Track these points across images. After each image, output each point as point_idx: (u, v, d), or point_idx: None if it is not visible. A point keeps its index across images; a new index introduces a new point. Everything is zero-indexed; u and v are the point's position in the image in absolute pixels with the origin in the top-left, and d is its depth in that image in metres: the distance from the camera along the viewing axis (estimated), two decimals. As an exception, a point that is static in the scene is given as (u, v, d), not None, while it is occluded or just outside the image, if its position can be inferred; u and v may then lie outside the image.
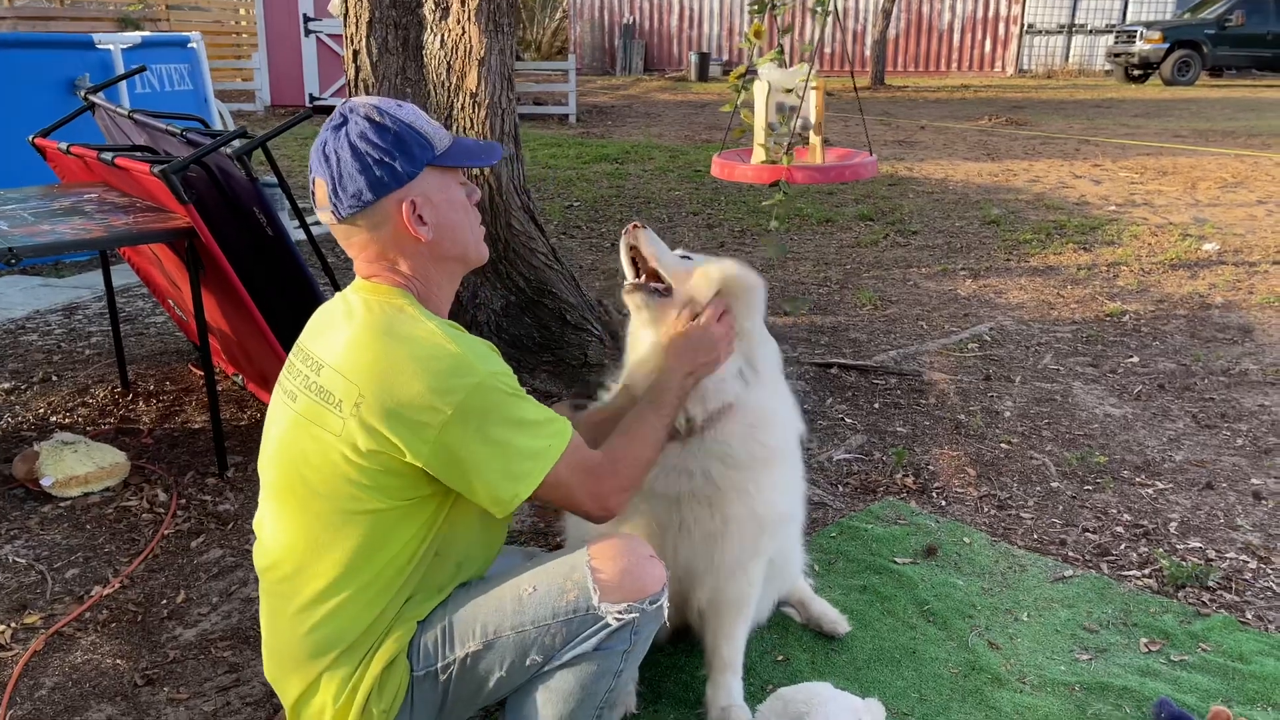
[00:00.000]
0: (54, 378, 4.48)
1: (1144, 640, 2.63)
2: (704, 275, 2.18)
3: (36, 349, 4.88)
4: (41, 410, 4.11)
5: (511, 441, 1.73)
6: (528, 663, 1.79)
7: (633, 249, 2.19)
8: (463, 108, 4.04)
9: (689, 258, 2.24)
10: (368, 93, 4.09)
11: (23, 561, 3.02)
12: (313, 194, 1.80)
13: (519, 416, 1.75)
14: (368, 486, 1.73)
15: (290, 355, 1.91)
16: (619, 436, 1.94)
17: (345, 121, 1.77)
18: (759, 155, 5.34)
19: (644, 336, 2.22)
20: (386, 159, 1.75)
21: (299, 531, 1.79)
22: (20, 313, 5.45)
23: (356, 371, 1.72)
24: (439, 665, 1.81)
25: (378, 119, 1.76)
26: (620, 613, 1.77)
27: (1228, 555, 3.04)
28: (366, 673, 1.79)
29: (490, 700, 1.89)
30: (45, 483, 3.33)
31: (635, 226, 2.16)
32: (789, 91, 5.23)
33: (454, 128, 4.05)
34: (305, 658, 1.81)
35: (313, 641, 1.80)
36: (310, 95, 15.67)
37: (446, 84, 4.03)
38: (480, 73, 3.98)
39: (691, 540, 2.24)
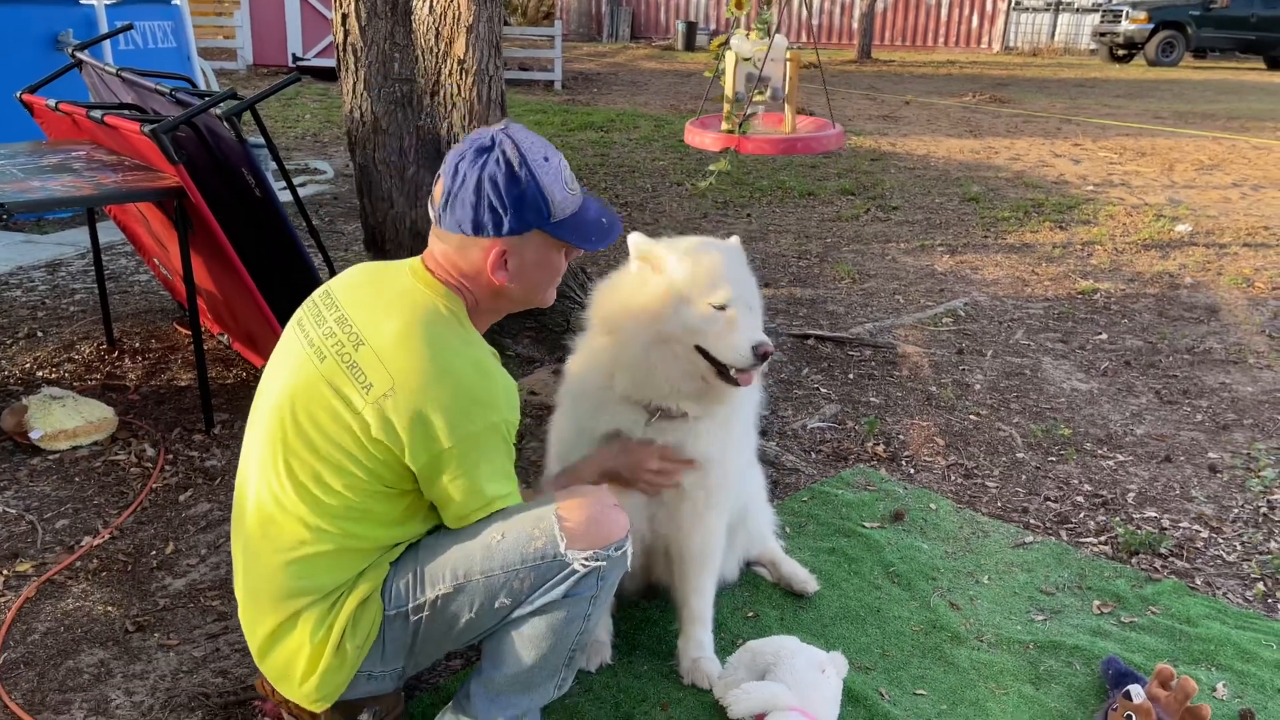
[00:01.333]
0: (39, 334, 4.52)
1: (1097, 603, 2.75)
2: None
3: (21, 305, 4.91)
4: (27, 365, 4.15)
5: (487, 487, 1.87)
6: (496, 605, 1.88)
7: None
8: (450, 74, 4.08)
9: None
10: (355, 58, 4.12)
11: (13, 512, 3.09)
12: (434, 186, 1.88)
13: (504, 469, 1.89)
14: (364, 466, 1.82)
15: (317, 301, 1.96)
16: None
17: (490, 150, 1.82)
18: (725, 124, 5.42)
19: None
20: (499, 210, 1.81)
21: (289, 479, 1.86)
22: (3, 269, 5.46)
23: (397, 366, 1.79)
24: (410, 606, 1.90)
25: (515, 169, 1.81)
26: (586, 559, 1.87)
27: (1181, 525, 3.16)
28: (342, 610, 1.88)
29: (460, 642, 1.98)
30: (34, 435, 3.39)
31: (769, 355, 2.17)
32: (748, 60, 5.31)
33: (442, 94, 4.09)
34: (283, 596, 1.89)
35: (292, 582, 1.88)
36: (293, 55, 15.55)
37: (434, 50, 4.06)
38: (468, 40, 4.01)
39: (655, 498, 2.34)
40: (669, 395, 2.27)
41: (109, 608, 2.65)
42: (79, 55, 4.31)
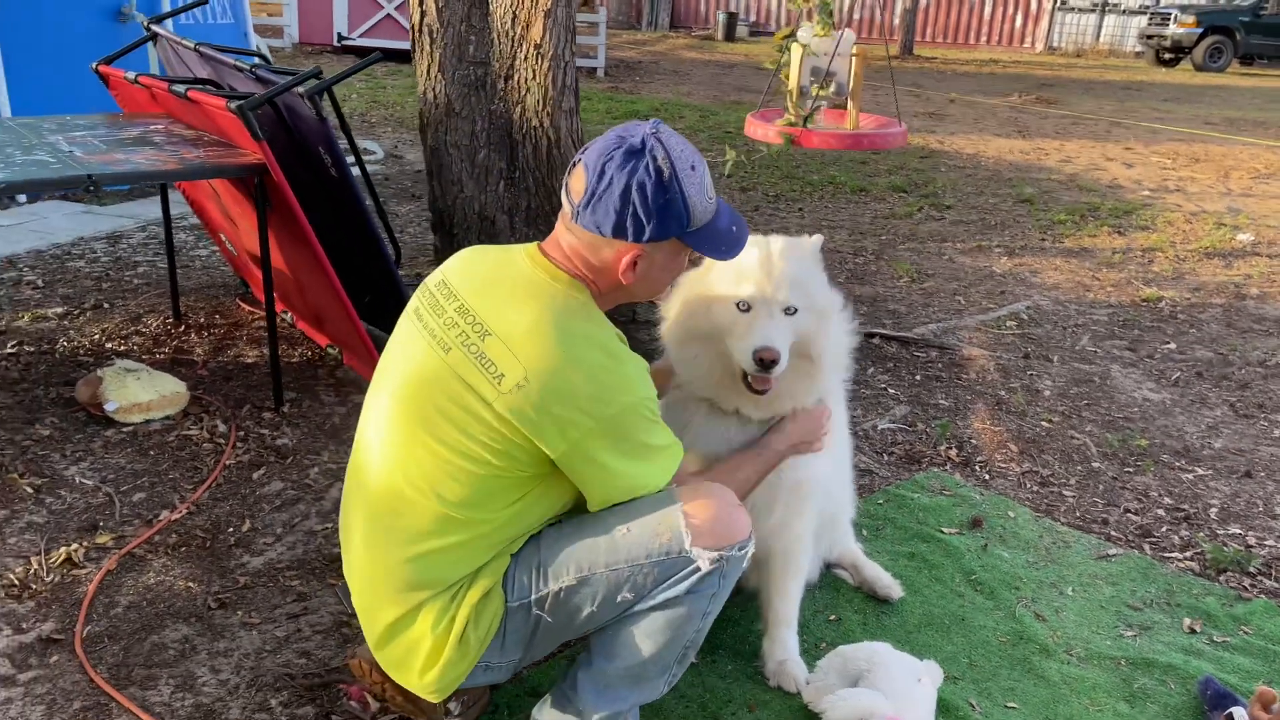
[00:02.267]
0: (105, 305, 4.53)
1: (1187, 620, 2.70)
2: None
3: (85, 276, 4.92)
4: (96, 337, 4.16)
5: (635, 465, 1.84)
6: (619, 599, 1.86)
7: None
8: (525, 58, 4.05)
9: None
10: (430, 39, 4.09)
11: (90, 483, 3.09)
12: (570, 175, 1.84)
13: (649, 442, 1.85)
14: (498, 451, 1.80)
15: (433, 289, 1.93)
16: (716, 474, 2.08)
17: (640, 153, 1.77)
18: (788, 115, 5.37)
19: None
20: (643, 217, 1.78)
21: (417, 467, 1.84)
22: (65, 238, 5.49)
23: (530, 357, 1.76)
24: (533, 598, 1.88)
25: (665, 178, 1.77)
26: (711, 557, 1.84)
27: (1267, 543, 3.10)
28: (464, 603, 1.86)
29: (578, 634, 1.96)
30: (109, 408, 3.39)
31: (774, 362, 2.07)
32: (822, 55, 5.26)
33: (516, 78, 4.06)
34: (405, 587, 1.87)
35: (416, 572, 1.86)
36: (339, 34, 15.56)
37: (511, 33, 4.03)
38: (546, 24, 3.98)
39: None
40: (720, 396, 2.23)
41: (190, 583, 2.65)
42: (154, 28, 4.31)
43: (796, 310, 2.13)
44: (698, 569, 1.84)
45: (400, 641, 1.92)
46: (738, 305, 2.11)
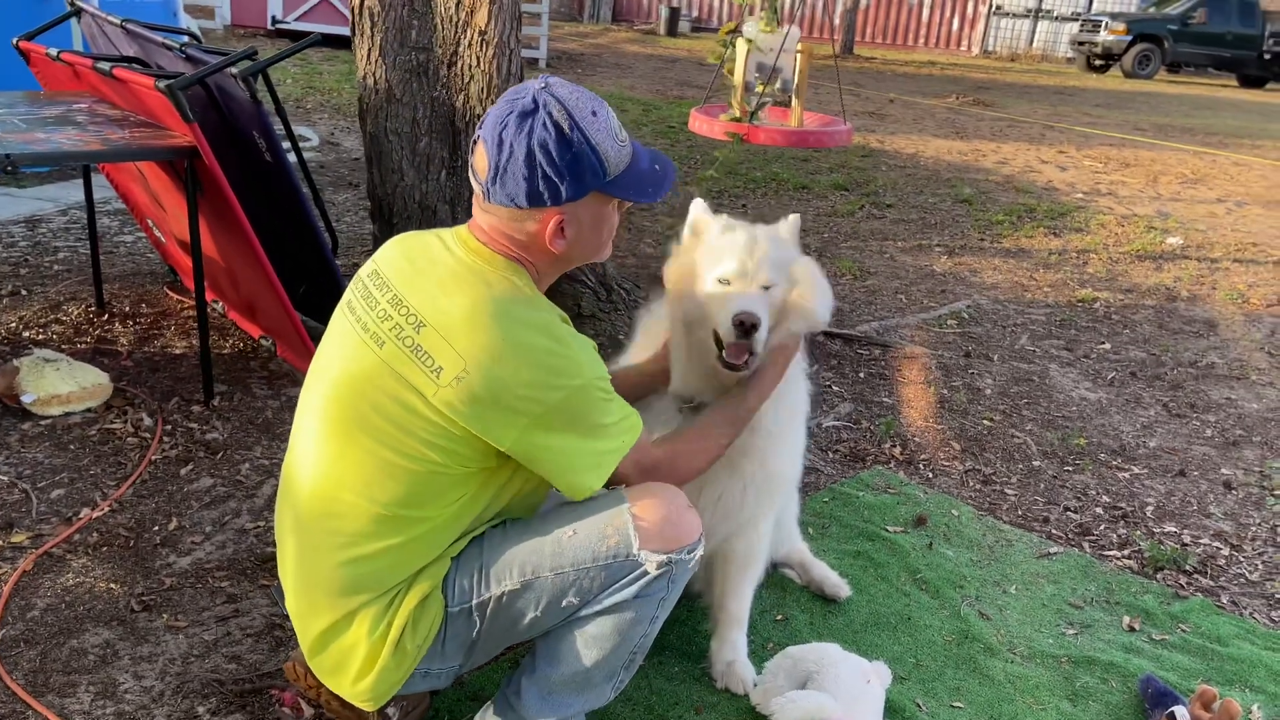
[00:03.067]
0: (23, 292, 4.34)
1: (1127, 618, 2.72)
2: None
3: (2, 261, 4.71)
4: (13, 325, 3.97)
5: (590, 444, 1.77)
6: (564, 604, 1.80)
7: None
8: (469, 45, 3.95)
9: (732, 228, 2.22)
10: (371, 23, 3.98)
11: (4, 479, 2.94)
12: (472, 154, 1.75)
13: (603, 421, 1.78)
14: (440, 448, 1.72)
15: (365, 283, 1.84)
16: (685, 439, 2.01)
17: (534, 113, 1.68)
18: (732, 111, 5.34)
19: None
20: (555, 178, 1.69)
21: (352, 468, 1.76)
22: (-20, 222, 5.25)
23: (468, 346, 1.68)
24: (474, 602, 1.81)
25: (566, 132, 1.69)
26: (660, 560, 1.79)
27: (1202, 541, 3.15)
28: (401, 607, 1.78)
29: (521, 639, 1.90)
30: (26, 399, 3.23)
31: (753, 326, 2.04)
32: (768, 51, 5.24)
33: (459, 65, 3.96)
34: (340, 592, 1.79)
35: (350, 577, 1.78)
36: (272, 18, 15.19)
37: (455, 19, 3.93)
38: (492, 10, 3.89)
39: (709, 498, 2.26)
40: (699, 390, 2.20)
41: (112, 585, 2.53)
42: (78, 3, 4.12)
43: (772, 286, 2.13)
44: (645, 573, 1.79)
45: (335, 648, 1.83)
46: (719, 281, 2.12)
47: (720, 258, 2.15)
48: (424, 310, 1.74)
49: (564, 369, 1.73)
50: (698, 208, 2.25)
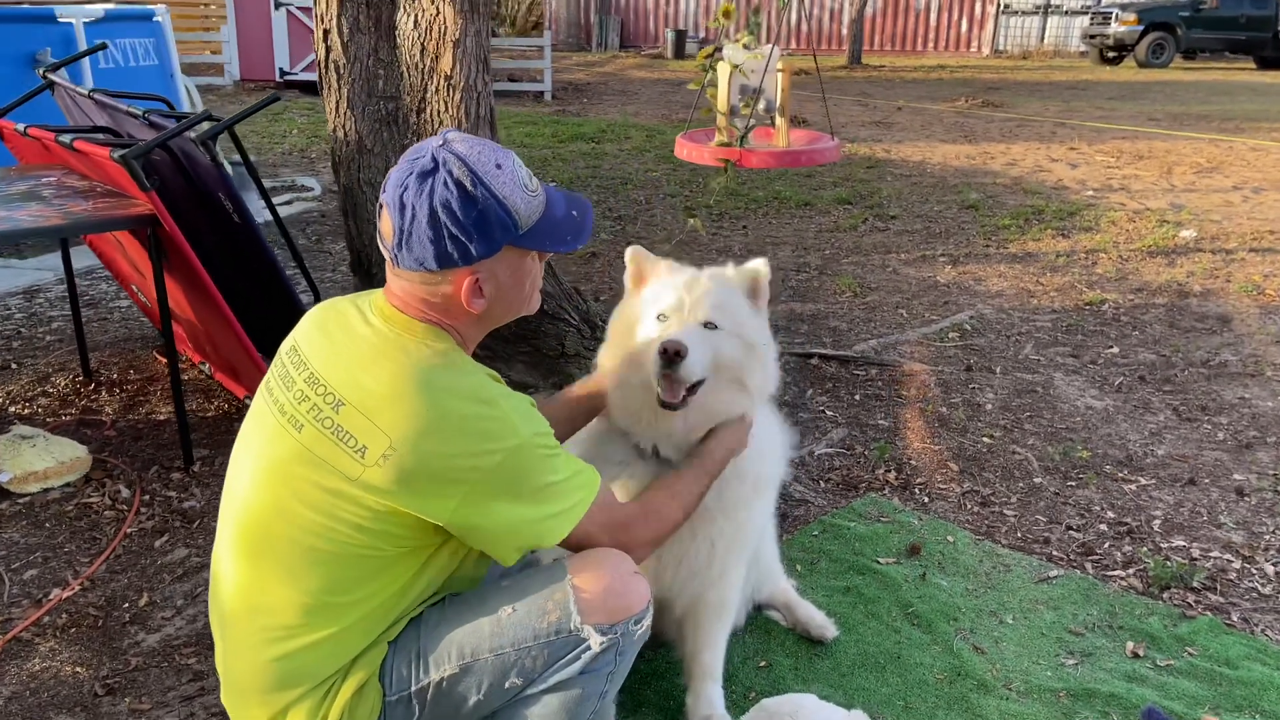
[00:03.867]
0: (13, 365, 4.34)
1: (1130, 644, 2.59)
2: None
3: (-5, 335, 4.73)
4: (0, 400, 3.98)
5: (536, 509, 1.68)
6: (507, 685, 1.72)
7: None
8: (437, 90, 3.92)
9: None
10: (338, 75, 3.96)
11: (-22, 562, 2.92)
12: (379, 218, 1.68)
13: (548, 481, 1.69)
14: (369, 530, 1.64)
15: (284, 361, 1.77)
16: (659, 491, 1.94)
17: (434, 172, 1.62)
18: (719, 137, 5.26)
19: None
20: (462, 238, 1.62)
21: (273, 561, 1.68)
22: (-22, 296, 5.29)
23: (392, 422, 1.60)
24: (413, 689, 1.73)
25: (469, 189, 1.62)
26: (604, 634, 1.70)
27: (1212, 554, 3.01)
28: (337, 699, 1.70)
29: (467, 724, 1.82)
30: (2, 479, 3.22)
31: (677, 354, 1.93)
32: (751, 73, 5.16)
33: (428, 111, 3.93)
34: (272, 688, 1.71)
35: (282, 672, 1.70)
36: (280, 69, 15.39)
37: (420, 66, 3.91)
38: (455, 55, 3.85)
39: (670, 559, 2.17)
40: (638, 431, 2.11)
41: (78, 668, 2.48)
42: (50, 76, 4.15)
43: (716, 327, 2.04)
44: (589, 647, 1.70)
45: None
46: (658, 318, 2.06)
47: (660, 295, 2.09)
48: (342, 388, 1.66)
49: (496, 432, 1.65)
50: (634, 252, 2.18)
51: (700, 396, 2.01)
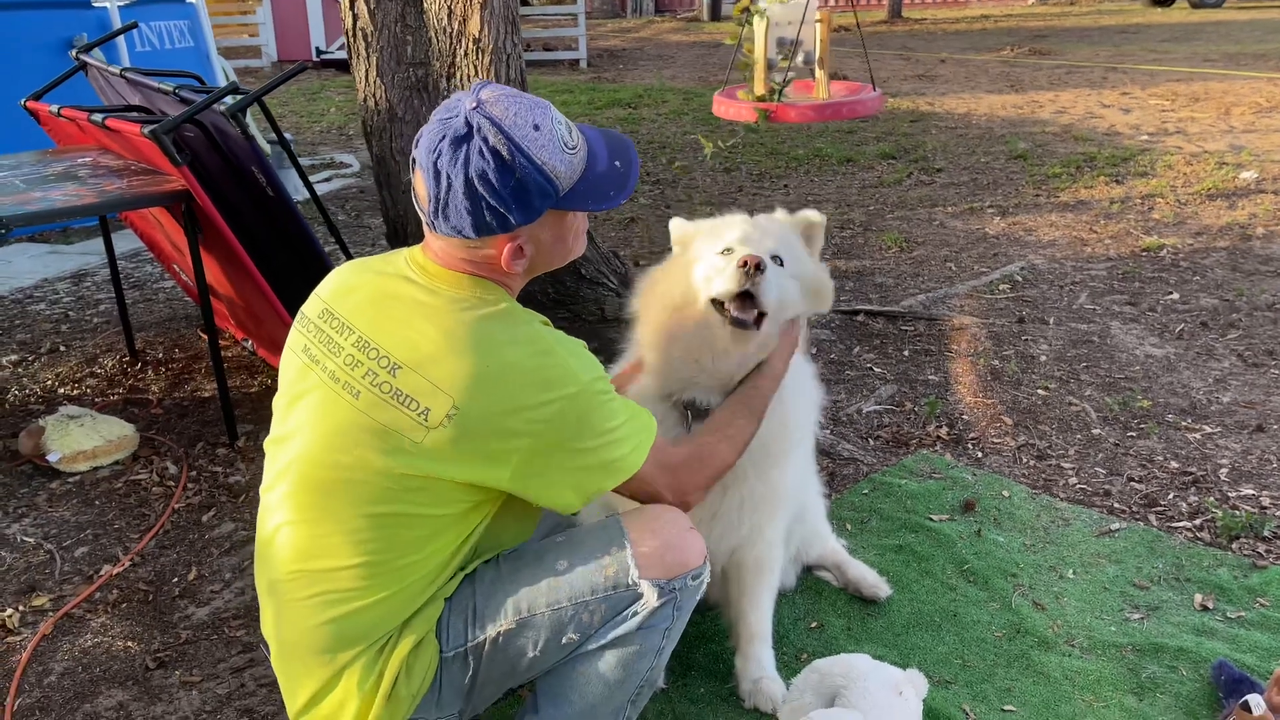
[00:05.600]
0: (62, 348, 4.39)
1: (1198, 596, 2.49)
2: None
3: (44, 319, 4.79)
4: (49, 382, 4.02)
5: (599, 452, 1.65)
6: (564, 641, 1.69)
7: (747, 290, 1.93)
8: (465, 54, 3.85)
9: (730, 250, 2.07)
10: (366, 44, 3.91)
11: (31, 540, 2.94)
12: (413, 176, 1.62)
13: (609, 425, 1.65)
14: (431, 492, 1.61)
15: (315, 322, 1.72)
16: (710, 434, 1.90)
17: (468, 138, 1.54)
18: (757, 89, 5.14)
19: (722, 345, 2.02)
20: (501, 208, 1.56)
21: (334, 526, 1.64)
22: (28, 281, 5.35)
23: (451, 380, 1.56)
24: (469, 645, 1.70)
25: (506, 158, 1.54)
26: (661, 589, 1.67)
27: (1283, 502, 2.89)
28: (393, 656, 1.67)
29: (522, 680, 1.79)
30: (52, 458, 3.24)
31: (758, 267, 1.89)
32: (788, 24, 5.03)
33: (458, 76, 3.87)
34: (325, 649, 1.68)
35: (336, 633, 1.67)
36: (317, 49, 15.44)
37: (448, 29, 3.84)
38: (483, 16, 3.78)
39: (704, 515, 2.12)
40: (689, 379, 2.04)
41: (129, 643, 2.50)
42: (83, 57, 4.15)
43: (782, 263, 2.00)
44: (647, 602, 1.67)
45: (323, 707, 1.73)
46: (722, 253, 1.99)
47: (720, 235, 2.04)
48: (396, 350, 1.61)
49: (556, 379, 1.60)
50: (676, 224, 2.16)
51: (765, 327, 1.96)
